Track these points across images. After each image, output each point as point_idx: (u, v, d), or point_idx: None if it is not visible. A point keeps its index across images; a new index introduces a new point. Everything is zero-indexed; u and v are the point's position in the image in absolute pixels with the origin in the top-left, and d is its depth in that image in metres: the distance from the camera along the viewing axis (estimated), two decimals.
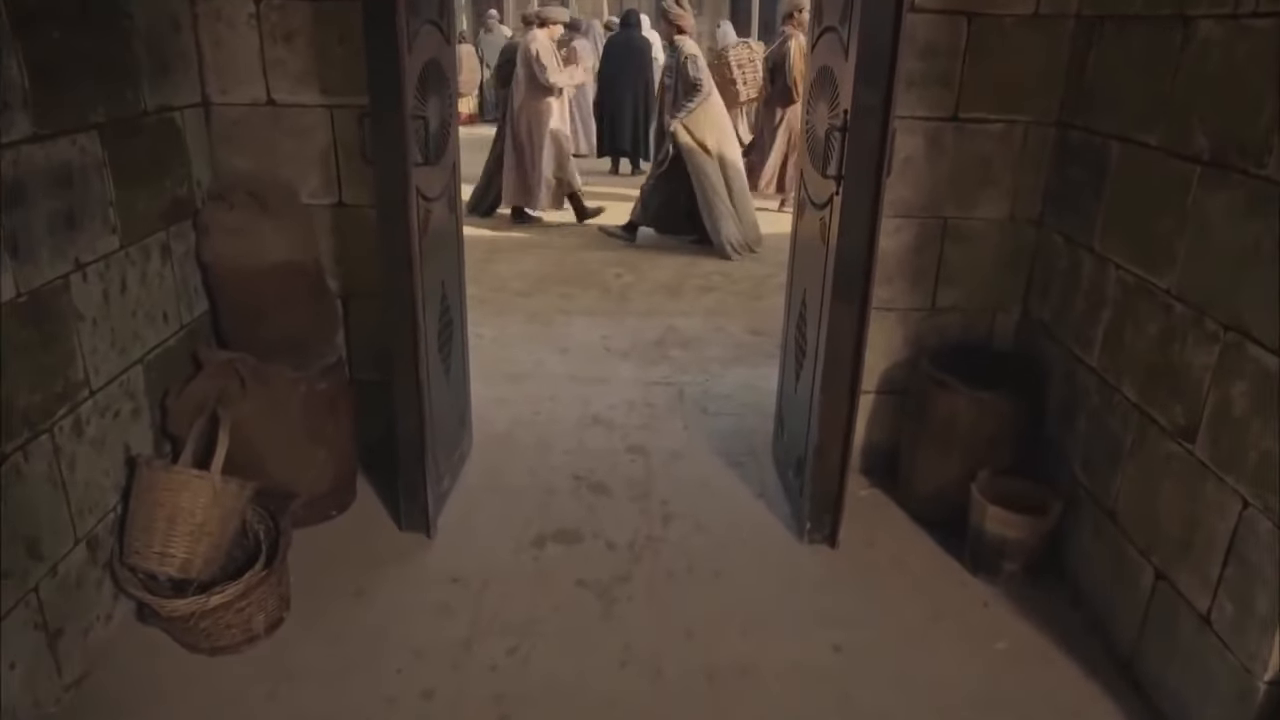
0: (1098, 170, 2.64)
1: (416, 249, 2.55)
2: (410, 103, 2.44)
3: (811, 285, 2.84)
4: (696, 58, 6.64)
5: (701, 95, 6.58)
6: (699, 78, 6.55)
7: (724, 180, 6.77)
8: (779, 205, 8.24)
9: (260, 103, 2.93)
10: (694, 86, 6.55)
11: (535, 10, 7.85)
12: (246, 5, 2.83)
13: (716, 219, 6.70)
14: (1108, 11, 2.63)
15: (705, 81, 6.60)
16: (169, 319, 2.69)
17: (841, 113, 2.46)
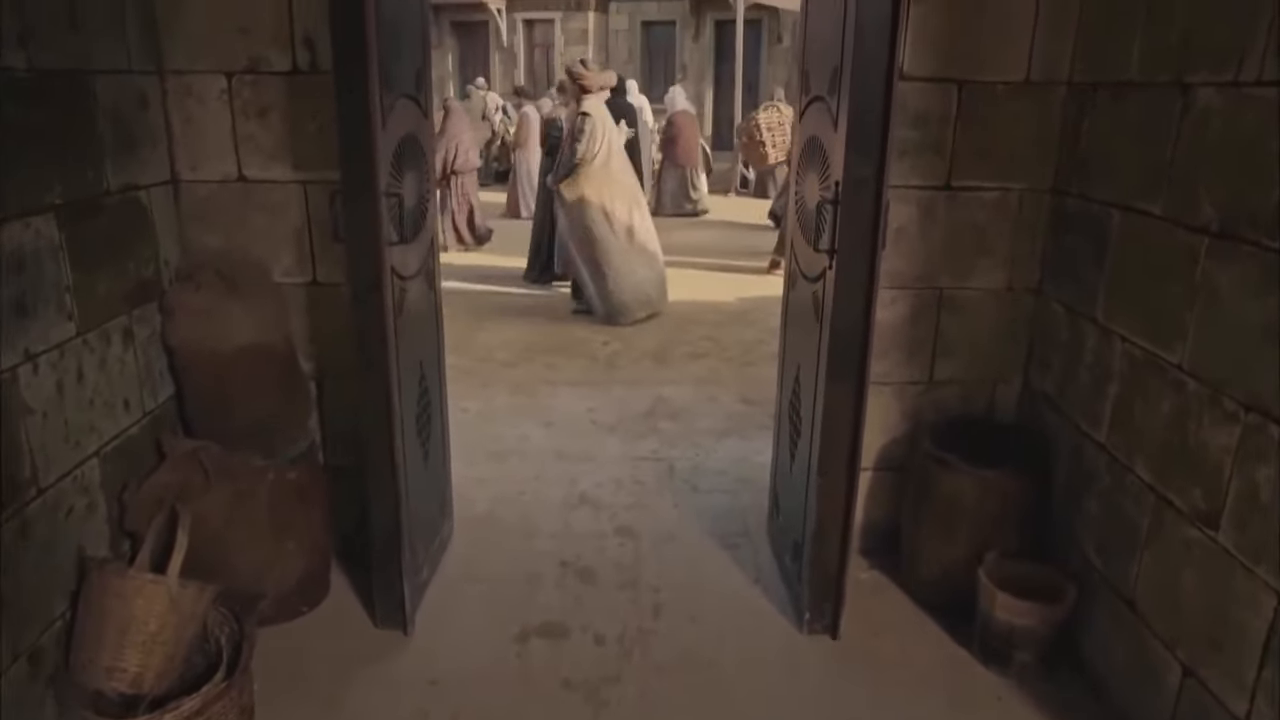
0: (1097, 239, 2.55)
1: (391, 332, 2.43)
2: (384, 180, 2.34)
3: (805, 361, 2.72)
4: (588, 118, 6.41)
5: (582, 166, 6.34)
6: (578, 146, 6.33)
7: (627, 244, 6.53)
8: (768, 268, 8.19)
9: (231, 179, 2.83)
10: (573, 153, 6.35)
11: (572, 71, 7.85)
12: (218, 81, 2.75)
13: (602, 282, 6.47)
14: (1101, 79, 2.57)
15: (585, 150, 6.38)
16: (130, 407, 2.55)
17: (833, 184, 2.37)
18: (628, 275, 6.51)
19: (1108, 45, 2.54)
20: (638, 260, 6.57)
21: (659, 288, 6.77)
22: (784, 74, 18.50)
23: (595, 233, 6.43)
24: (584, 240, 6.44)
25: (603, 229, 6.43)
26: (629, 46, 20.25)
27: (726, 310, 7.06)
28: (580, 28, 19.77)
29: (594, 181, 6.40)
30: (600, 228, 6.42)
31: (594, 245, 6.43)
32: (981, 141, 2.80)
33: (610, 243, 6.44)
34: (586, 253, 6.46)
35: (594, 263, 6.47)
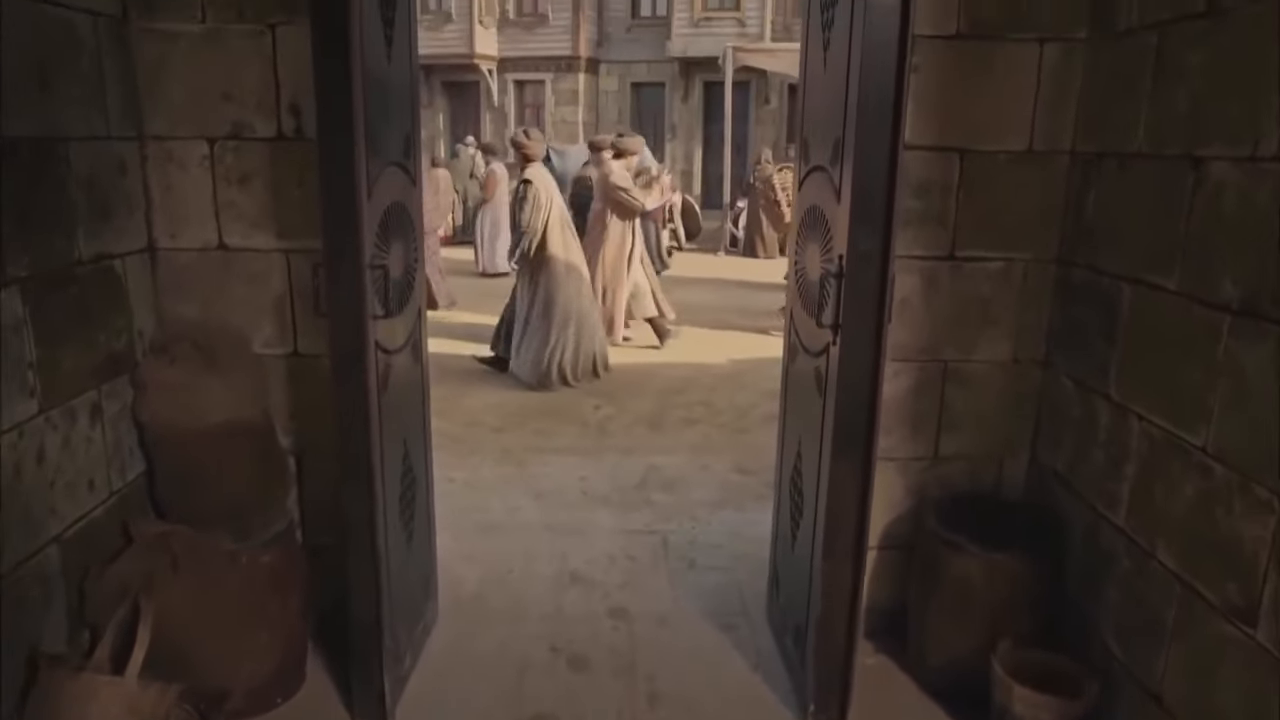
0: (1107, 312, 2.47)
1: (374, 411, 2.31)
2: (369, 252, 2.24)
3: (807, 436, 2.61)
4: (530, 185, 6.32)
5: (526, 233, 6.26)
6: (523, 216, 6.24)
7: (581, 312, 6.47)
8: (768, 329, 8.12)
9: (211, 247, 2.73)
10: (519, 225, 6.25)
11: (612, 140, 7.86)
12: (200, 147, 2.67)
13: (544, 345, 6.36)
14: (1106, 149, 2.51)
15: (531, 218, 6.27)
16: (95, 487, 2.41)
17: (836, 258, 2.28)
18: (574, 342, 6.45)
19: (1111, 116, 2.49)
20: (587, 328, 6.52)
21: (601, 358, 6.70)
22: (772, 134, 18.75)
23: (552, 300, 6.36)
24: (541, 307, 6.37)
25: (559, 297, 6.37)
26: (619, 107, 20.49)
27: (718, 372, 6.97)
28: (570, 88, 20.02)
29: (549, 249, 6.35)
30: (556, 295, 6.36)
31: (550, 311, 6.37)
32: (985, 211, 2.73)
33: (565, 309, 6.39)
34: (543, 318, 6.38)
35: (548, 328, 6.37)
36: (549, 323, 6.34)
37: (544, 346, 6.34)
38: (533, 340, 6.37)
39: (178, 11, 2.60)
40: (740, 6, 18.69)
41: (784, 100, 19.23)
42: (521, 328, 6.45)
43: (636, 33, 20.06)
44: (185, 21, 2.60)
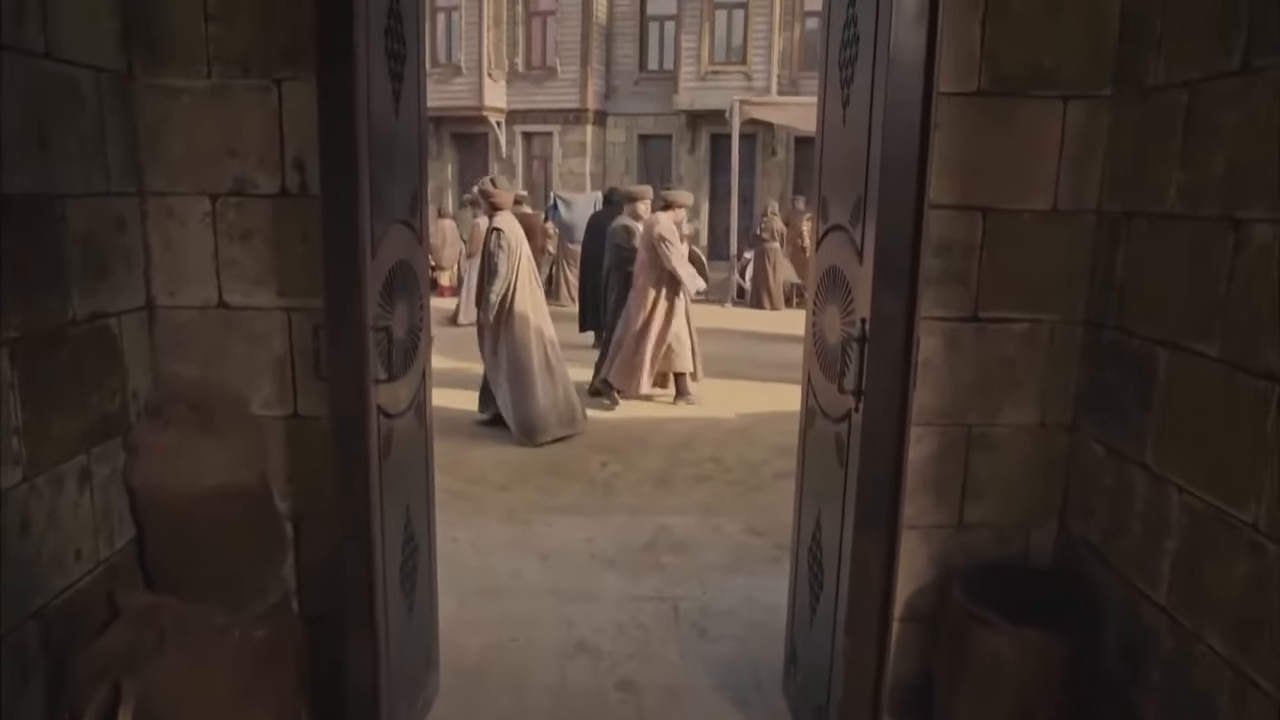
0: (1141, 377, 2.36)
1: (375, 479, 2.21)
2: (372, 314, 2.16)
3: (827, 507, 2.50)
4: (501, 234, 6.24)
5: (500, 280, 6.15)
6: (497, 264, 6.16)
7: (549, 361, 6.38)
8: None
9: (211, 305, 2.65)
10: (494, 272, 6.16)
11: (661, 192, 7.82)
12: (202, 203, 2.61)
13: (522, 397, 6.26)
14: (1135, 208, 2.43)
15: (504, 265, 6.18)
16: (82, 556, 2.30)
17: (858, 321, 2.19)
18: (549, 392, 6.35)
19: (1140, 175, 2.42)
20: (558, 377, 6.42)
21: (578, 407, 6.60)
22: (779, 186, 18.86)
23: (523, 349, 6.27)
24: (513, 357, 6.27)
25: (530, 345, 6.28)
26: (626, 159, 20.65)
27: (727, 426, 6.85)
28: (578, 140, 20.19)
29: (518, 297, 6.28)
30: (528, 344, 6.27)
31: (521, 361, 6.27)
32: (1009, 271, 2.65)
33: (536, 359, 6.30)
34: (515, 369, 6.28)
35: (521, 378, 6.27)
36: (527, 376, 6.25)
37: (525, 400, 6.24)
38: (514, 395, 6.27)
39: (183, 67, 2.55)
40: (747, 61, 18.91)
41: (790, 152, 19.36)
42: (504, 384, 6.33)
43: (644, 86, 20.28)
44: (190, 77, 2.55)
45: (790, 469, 5.35)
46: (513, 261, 6.22)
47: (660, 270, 7.12)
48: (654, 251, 7.12)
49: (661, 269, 7.11)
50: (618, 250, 7.88)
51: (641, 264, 7.27)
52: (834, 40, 2.49)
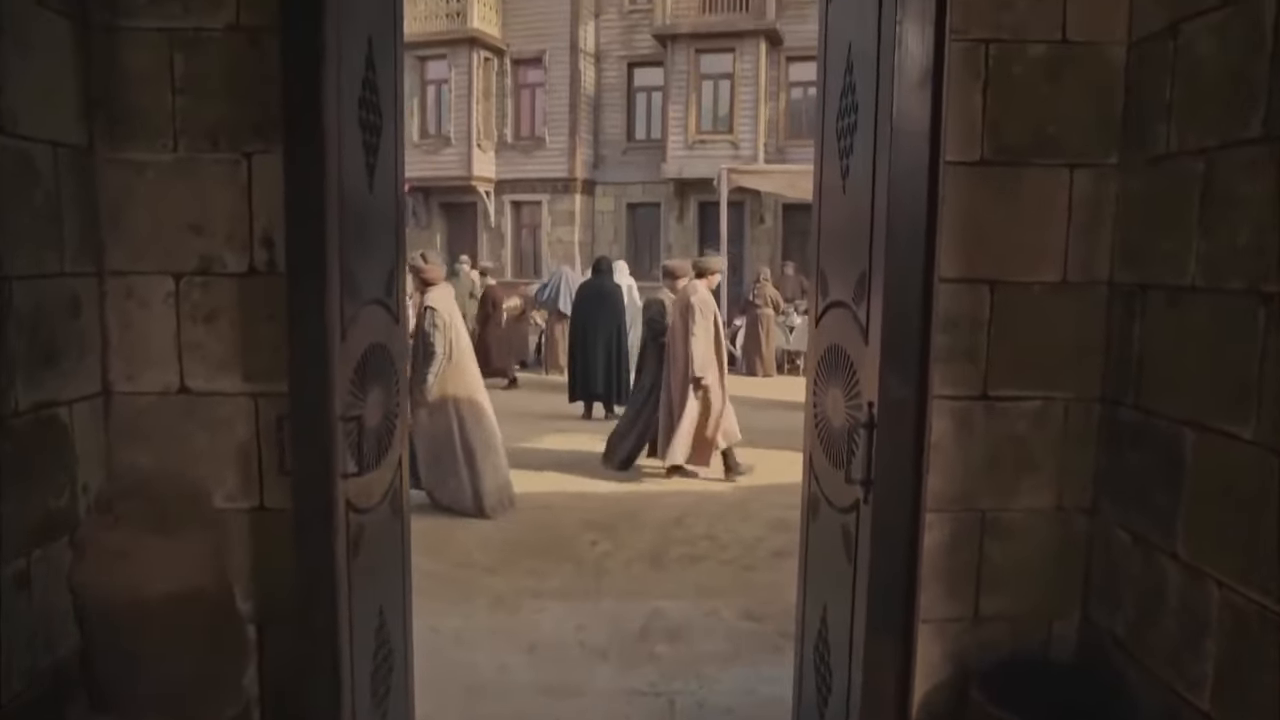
0: (1167, 460, 2.21)
1: (343, 581, 2.03)
2: (340, 404, 2.00)
3: (835, 603, 2.31)
4: (435, 312, 6.05)
5: (437, 361, 5.96)
6: (432, 343, 5.96)
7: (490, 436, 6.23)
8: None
9: (172, 391, 2.49)
10: (430, 352, 5.96)
11: (694, 260, 7.71)
12: (164, 283, 2.46)
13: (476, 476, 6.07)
14: (1151, 280, 2.30)
15: (440, 345, 5.98)
16: (13, 674, 2.09)
17: (865, 406, 2.04)
18: (496, 467, 6.20)
19: (1153, 245, 2.30)
20: (498, 452, 6.27)
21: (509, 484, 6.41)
22: (768, 253, 18.93)
23: (467, 425, 6.08)
24: (457, 434, 6.08)
25: (472, 421, 6.11)
26: (615, 227, 20.73)
27: (722, 499, 6.65)
28: (567, 209, 20.29)
29: (455, 373, 6.10)
30: (470, 420, 6.10)
31: (467, 437, 6.09)
32: (1019, 346, 2.51)
33: (479, 434, 6.13)
34: (456, 446, 6.08)
35: (467, 455, 6.08)
36: (469, 452, 6.07)
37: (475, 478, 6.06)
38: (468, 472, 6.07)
39: (148, 140, 2.43)
40: (734, 130, 19.12)
41: (779, 220, 19.47)
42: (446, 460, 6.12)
43: (632, 155, 20.47)
44: (156, 151, 2.43)
45: (789, 546, 5.16)
46: (448, 338, 6.05)
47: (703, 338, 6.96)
48: (686, 320, 6.96)
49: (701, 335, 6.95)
50: (651, 325, 7.72)
51: (678, 333, 7.09)
52: (830, 109, 2.39)
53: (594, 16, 20.11)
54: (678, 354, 7.08)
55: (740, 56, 18.81)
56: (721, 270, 7.62)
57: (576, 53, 19.65)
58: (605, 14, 20.24)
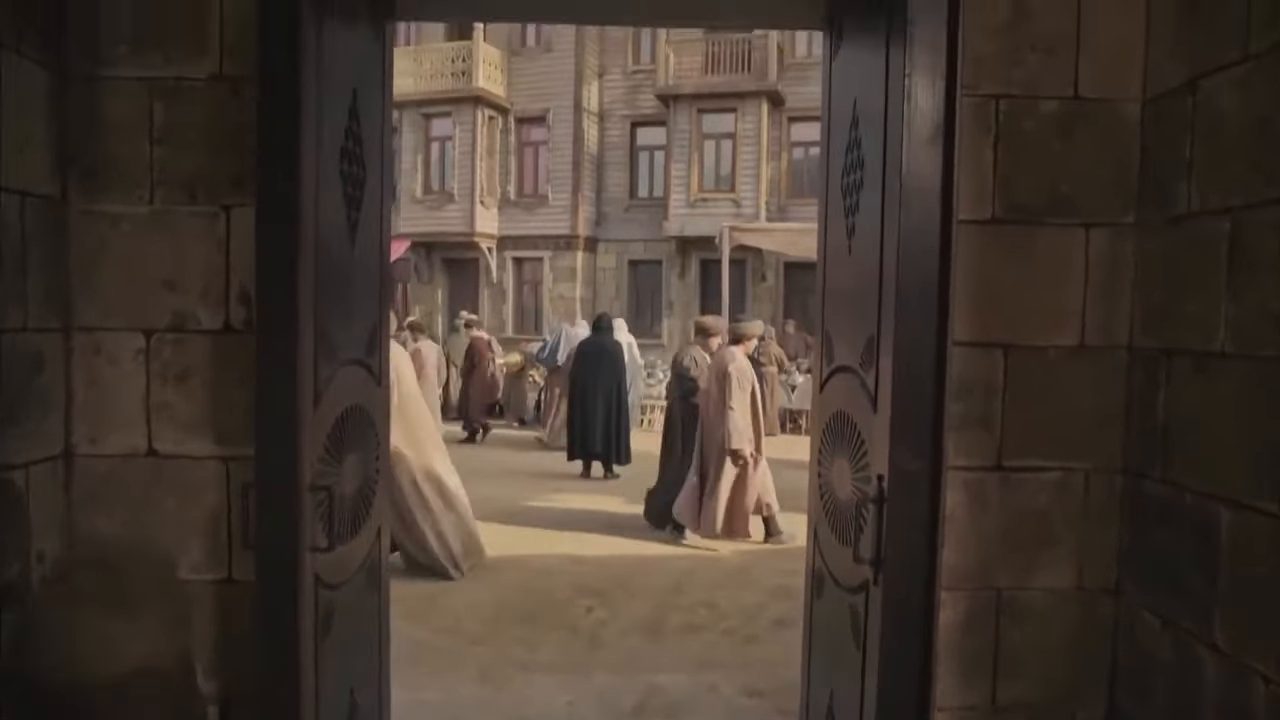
0: (1201, 539, 2.05)
1: (310, 664, 1.86)
2: (309, 473, 1.86)
3: (843, 689, 2.14)
4: None
5: None
6: None
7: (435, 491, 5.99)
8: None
9: (139, 453, 2.35)
10: None
11: (731, 324, 7.52)
12: (135, 340, 2.34)
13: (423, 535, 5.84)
14: (1175, 345, 2.18)
15: None
16: None
17: (874, 479, 1.90)
18: (457, 523, 5.99)
19: (1177, 308, 2.18)
20: (455, 508, 6.05)
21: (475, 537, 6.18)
22: (769, 310, 18.89)
23: (418, 481, 5.88)
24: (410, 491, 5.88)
25: (422, 477, 5.90)
26: (616, 284, 20.73)
27: (722, 565, 6.44)
28: (569, 266, 20.31)
29: (404, 429, 5.93)
30: (422, 476, 5.89)
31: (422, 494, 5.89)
32: (1035, 414, 2.38)
33: (433, 490, 5.93)
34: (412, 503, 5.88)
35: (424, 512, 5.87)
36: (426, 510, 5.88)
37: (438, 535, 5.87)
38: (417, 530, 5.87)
39: (124, 192, 2.33)
40: (735, 188, 19.22)
41: (780, 277, 19.46)
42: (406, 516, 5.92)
43: (634, 212, 20.56)
44: (131, 203, 2.33)
45: (791, 614, 4.94)
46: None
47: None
48: (722, 384, 6.79)
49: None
50: (681, 380, 7.48)
51: (714, 399, 6.89)
52: (835, 166, 2.29)
53: (598, 77, 20.36)
54: (712, 422, 6.85)
55: (742, 116, 18.99)
56: (759, 335, 7.42)
57: (580, 112, 19.86)
58: (609, 74, 20.50)
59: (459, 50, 19.38)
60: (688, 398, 7.31)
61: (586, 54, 19.84)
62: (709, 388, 6.96)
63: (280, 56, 1.76)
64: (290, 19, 1.78)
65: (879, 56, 1.99)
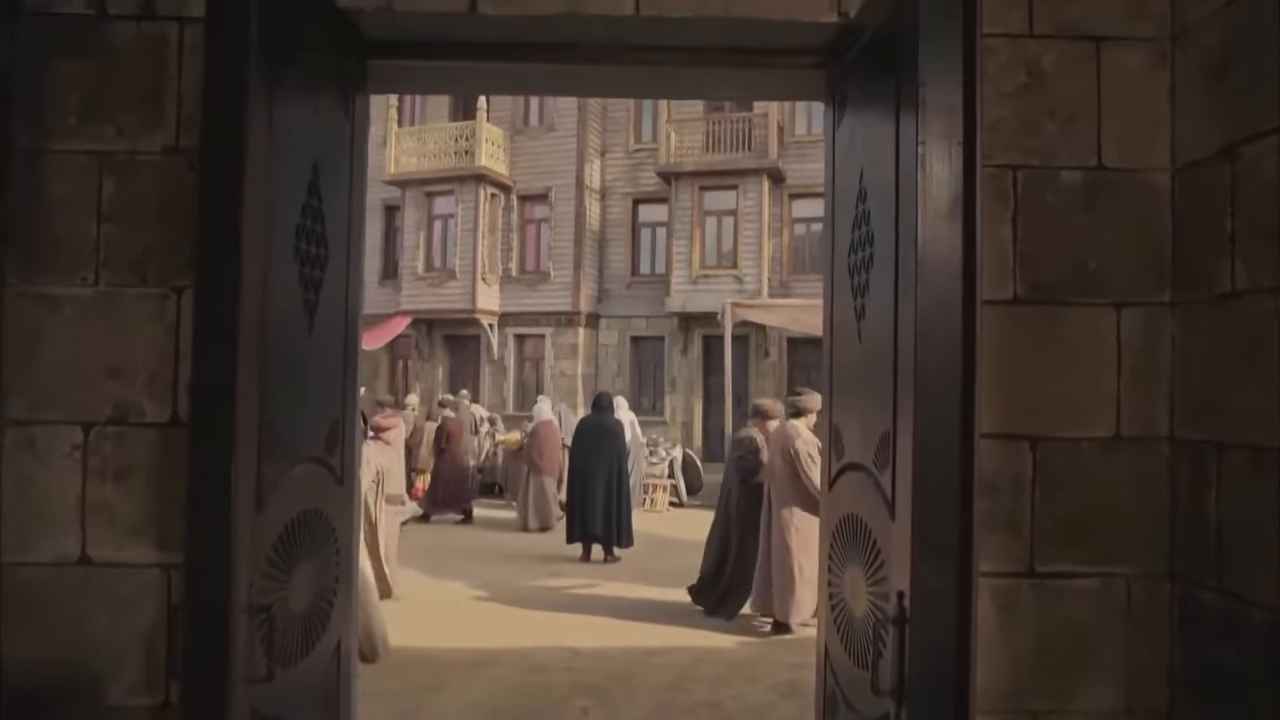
0: (1269, 657, 1.79)
1: None
2: (245, 589, 1.62)
3: None
4: None
5: None
6: None
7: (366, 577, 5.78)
8: None
9: (70, 561, 2.12)
10: None
11: (790, 399, 7.26)
12: (72, 434, 2.13)
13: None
14: (1225, 438, 1.95)
15: None
16: None
17: (893, 595, 1.65)
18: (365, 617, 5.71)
19: (1225, 397, 1.96)
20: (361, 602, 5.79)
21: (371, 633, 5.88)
22: (773, 387, 18.70)
23: None
24: None
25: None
26: (618, 360, 20.56)
27: (725, 658, 6.08)
28: (570, 342, 20.18)
29: None
30: None
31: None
32: (1068, 513, 2.15)
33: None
34: None
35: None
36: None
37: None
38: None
39: (66, 273, 2.15)
40: (737, 264, 19.19)
41: (783, 353, 19.29)
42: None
43: (636, 289, 20.50)
44: (73, 285, 2.15)
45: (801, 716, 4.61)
46: None
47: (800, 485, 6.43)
48: (790, 463, 6.52)
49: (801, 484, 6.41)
50: (742, 462, 7.12)
51: (783, 476, 6.59)
52: (841, 243, 2.09)
53: (600, 155, 20.54)
54: (784, 499, 6.56)
55: (743, 193, 19.07)
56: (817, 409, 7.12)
57: (582, 189, 19.97)
58: (611, 153, 20.68)
59: (462, 130, 19.58)
60: (748, 480, 6.95)
61: (589, 133, 20.04)
62: (772, 465, 6.65)
63: (223, 128, 1.59)
64: (236, 88, 1.60)
65: (888, 124, 1.82)
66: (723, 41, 2.33)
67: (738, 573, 6.93)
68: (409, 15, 2.22)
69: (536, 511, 11.23)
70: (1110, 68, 2.21)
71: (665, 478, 13.61)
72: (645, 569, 8.85)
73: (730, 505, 7.28)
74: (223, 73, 1.64)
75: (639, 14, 2.22)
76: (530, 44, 2.30)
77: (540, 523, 11.13)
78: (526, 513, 11.23)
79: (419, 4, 2.21)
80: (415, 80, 2.75)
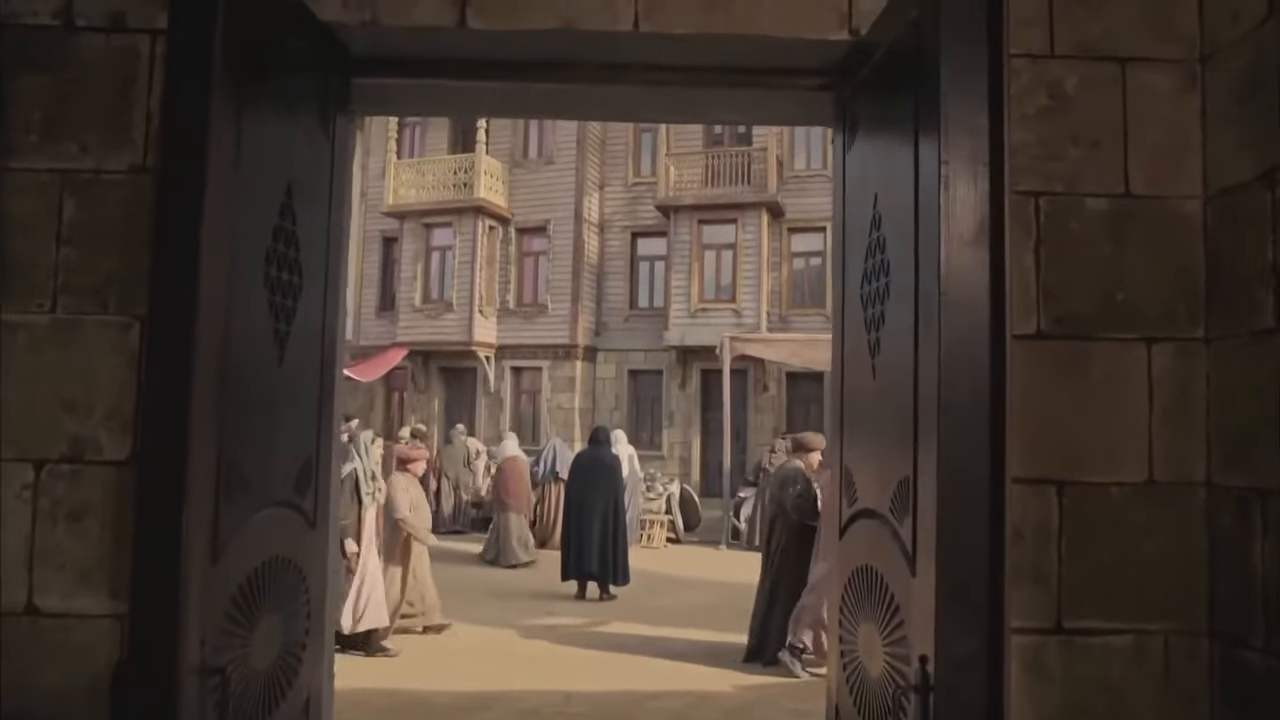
0: None
1: None
2: (197, 647, 1.45)
3: None
4: None
5: None
6: None
7: None
8: None
9: (16, 611, 1.95)
10: None
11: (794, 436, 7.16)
12: (22, 473, 1.97)
13: None
14: (1270, 485, 1.80)
15: None
16: None
17: (915, 660, 1.49)
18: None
19: (1268, 440, 1.81)
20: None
21: None
22: (771, 421, 18.55)
23: None
24: None
25: None
26: (616, 394, 20.39)
27: (723, 703, 5.87)
28: (567, 375, 20.02)
29: None
30: None
31: None
32: (1098, 563, 1.98)
33: None
34: None
35: None
36: None
37: None
38: None
39: (22, 300, 2.00)
40: (736, 298, 19.09)
41: (782, 388, 19.14)
42: None
43: (634, 322, 20.39)
44: (29, 312, 2.00)
45: None
46: None
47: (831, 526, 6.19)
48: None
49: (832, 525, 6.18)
50: (800, 501, 6.64)
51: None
52: (852, 274, 1.96)
53: (598, 189, 20.52)
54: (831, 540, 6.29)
55: (742, 227, 19.02)
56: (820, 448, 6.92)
57: (581, 222, 19.92)
58: (609, 186, 20.67)
59: (461, 162, 19.58)
60: (807, 520, 6.56)
61: (588, 166, 20.04)
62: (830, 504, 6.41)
63: (183, 145, 1.45)
64: (198, 103, 1.47)
65: (906, 146, 1.69)
66: (725, 61, 2.21)
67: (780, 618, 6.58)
68: (395, 30, 2.10)
69: (502, 549, 11.08)
70: (1137, 90, 2.09)
71: (663, 513, 13.38)
72: (642, 607, 8.64)
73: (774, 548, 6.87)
74: (185, 87, 1.51)
75: (638, 30, 2.11)
76: (522, 62, 2.18)
77: (506, 560, 10.93)
78: (496, 550, 11.07)
79: (406, 18, 2.10)
80: (404, 100, 2.63)
